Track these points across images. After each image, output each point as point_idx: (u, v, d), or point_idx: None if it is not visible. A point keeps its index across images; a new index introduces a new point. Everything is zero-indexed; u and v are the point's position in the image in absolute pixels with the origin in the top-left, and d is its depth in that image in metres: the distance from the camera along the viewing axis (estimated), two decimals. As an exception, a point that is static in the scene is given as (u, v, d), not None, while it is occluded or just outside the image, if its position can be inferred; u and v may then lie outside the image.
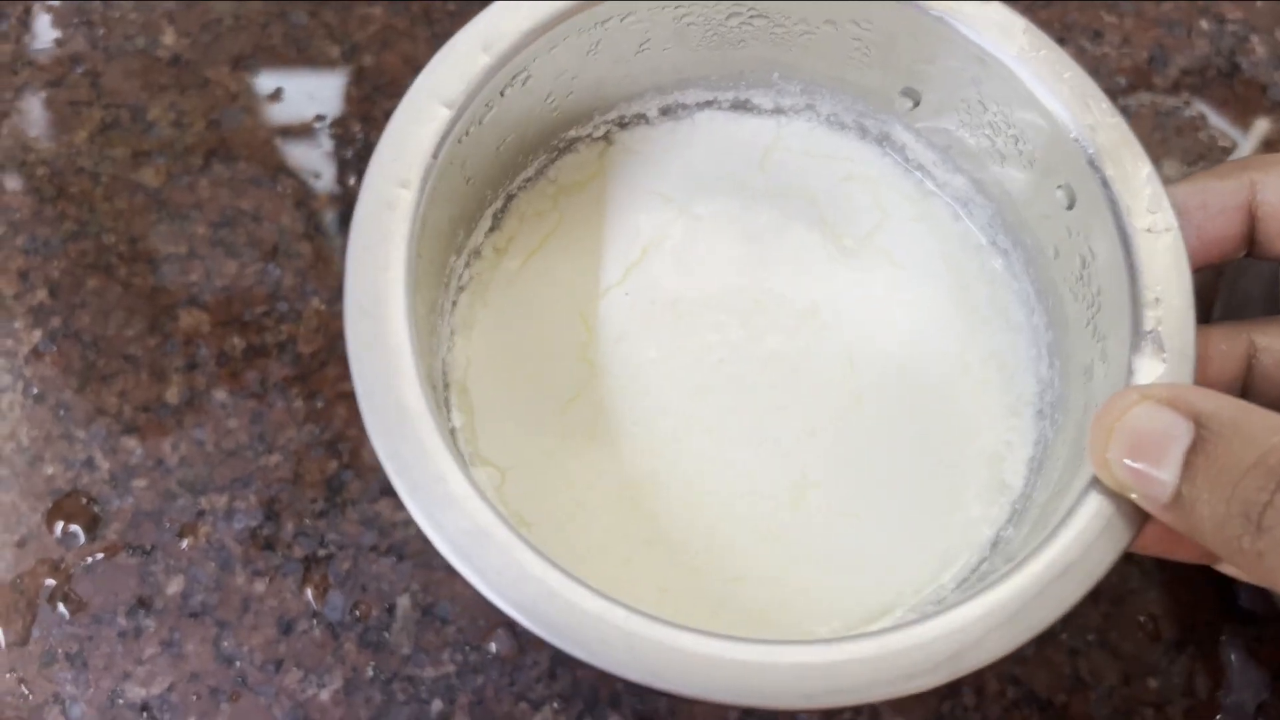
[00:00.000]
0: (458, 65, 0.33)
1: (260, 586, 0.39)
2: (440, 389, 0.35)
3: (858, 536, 0.35)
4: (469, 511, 0.27)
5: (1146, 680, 0.39)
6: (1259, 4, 0.48)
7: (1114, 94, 0.47)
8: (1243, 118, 0.47)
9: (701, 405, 0.36)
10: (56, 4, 0.47)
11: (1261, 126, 0.46)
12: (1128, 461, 0.27)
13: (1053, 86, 0.33)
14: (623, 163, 0.39)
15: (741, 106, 0.40)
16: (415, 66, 0.46)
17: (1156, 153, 0.46)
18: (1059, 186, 0.35)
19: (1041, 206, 0.36)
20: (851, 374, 0.36)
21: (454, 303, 0.36)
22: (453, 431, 0.35)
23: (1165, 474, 0.26)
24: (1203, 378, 0.31)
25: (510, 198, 0.39)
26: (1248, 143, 0.46)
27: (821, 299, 0.37)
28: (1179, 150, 0.46)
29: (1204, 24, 0.48)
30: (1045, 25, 0.47)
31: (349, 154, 0.45)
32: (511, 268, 0.37)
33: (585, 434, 0.35)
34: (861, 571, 0.35)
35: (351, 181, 0.44)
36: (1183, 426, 0.26)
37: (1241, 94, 0.47)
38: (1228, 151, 0.46)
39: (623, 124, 0.40)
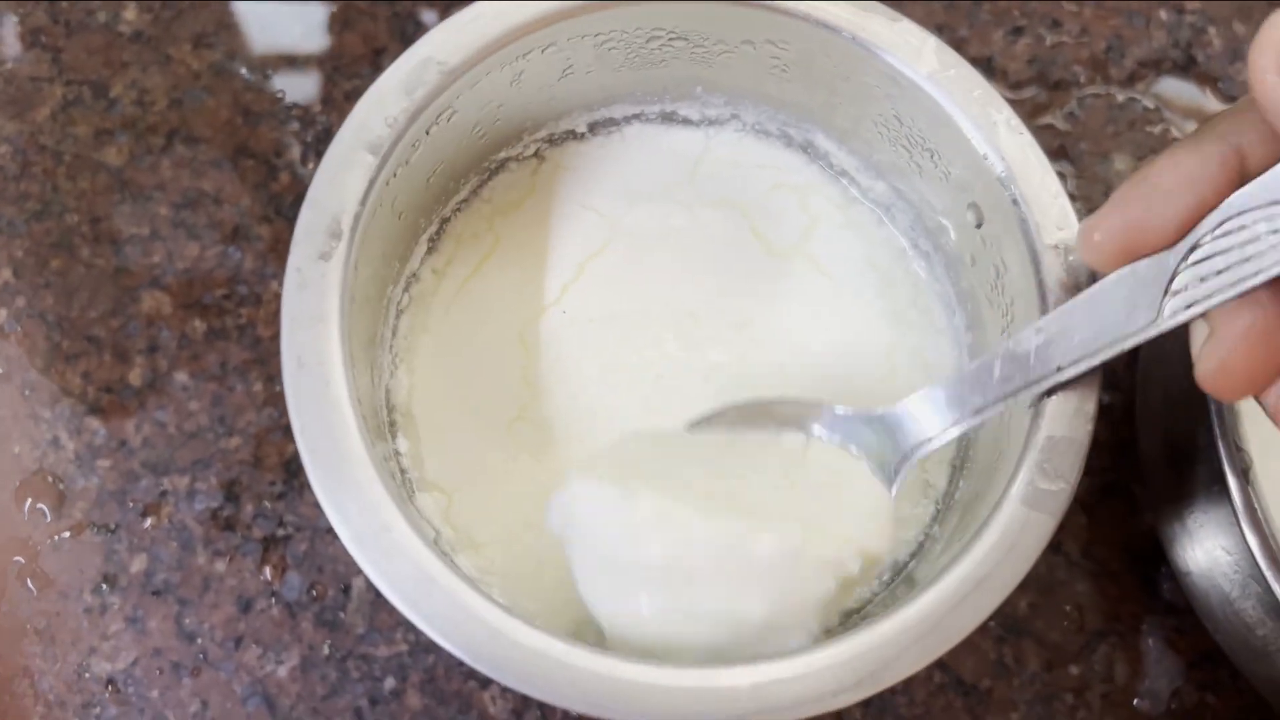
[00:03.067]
0: (382, 110, 0.33)
1: (220, 566, 0.40)
2: (384, 415, 0.36)
3: (794, 546, 0.36)
4: (413, 559, 0.29)
5: (1068, 667, 0.41)
6: (1218, -3, 0.49)
7: (1070, 85, 0.47)
8: (1197, 111, 0.47)
9: (643, 420, 0.37)
10: (17, -24, 0.47)
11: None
12: None
13: (963, 105, 0.34)
14: (556, 179, 0.40)
15: (669, 118, 0.41)
16: (375, 47, 0.46)
17: (1109, 146, 0.46)
18: (969, 205, 0.36)
19: (958, 217, 0.37)
20: (786, 381, 0.37)
21: (394, 329, 0.37)
22: (398, 456, 0.36)
23: None
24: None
25: (445, 221, 0.39)
26: (1199, 137, 0.47)
27: (754, 308, 0.38)
28: (1131, 144, 0.46)
29: (1163, 14, 0.48)
30: (1004, 14, 0.48)
31: (309, 136, 0.45)
32: (450, 290, 0.38)
33: (529, 453, 0.36)
34: (797, 581, 0.36)
35: (311, 164, 0.45)
36: None
37: (1196, 87, 0.47)
38: (1179, 145, 0.46)
39: (553, 141, 0.41)
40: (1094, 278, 0.30)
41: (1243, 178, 0.26)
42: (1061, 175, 0.46)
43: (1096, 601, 0.41)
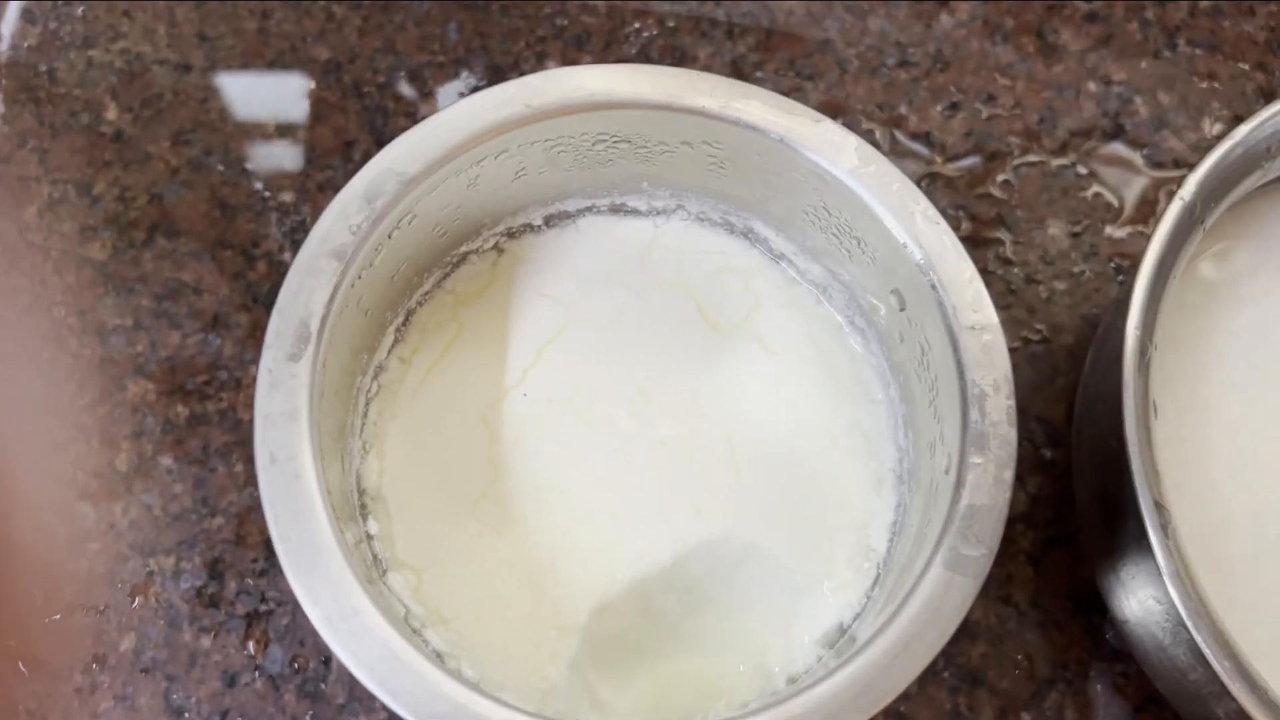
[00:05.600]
0: (345, 219, 0.36)
1: (206, 642, 0.42)
2: (355, 500, 0.38)
3: (743, 613, 0.38)
4: (380, 639, 0.31)
5: (1020, 714, 0.42)
6: (1143, 65, 0.51)
7: (1005, 155, 0.50)
8: (1125, 177, 0.50)
9: (599, 494, 0.39)
10: (4, 82, 0.49)
11: (1140, 185, 0.49)
12: None
13: (883, 198, 0.37)
14: (515, 269, 0.42)
15: (619, 210, 0.44)
16: (346, 140, 0.49)
17: (1044, 212, 0.49)
18: (891, 291, 0.38)
19: (885, 298, 0.39)
20: (732, 454, 0.40)
21: (364, 416, 0.39)
22: (369, 539, 0.38)
23: None
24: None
25: (410, 312, 0.42)
26: (1129, 202, 0.49)
27: (702, 385, 0.41)
28: (1065, 210, 0.49)
29: (1091, 85, 0.51)
30: (941, 90, 0.50)
31: (285, 226, 0.48)
32: (416, 378, 0.41)
33: (494, 529, 0.38)
34: (748, 646, 0.38)
35: (287, 254, 0.47)
36: None
37: (1125, 154, 0.50)
38: (1111, 210, 0.49)
39: (511, 234, 0.43)
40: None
41: None
42: (999, 241, 0.49)
43: (1046, 650, 0.43)
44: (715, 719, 0.36)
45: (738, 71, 0.51)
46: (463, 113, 0.37)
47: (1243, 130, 0.39)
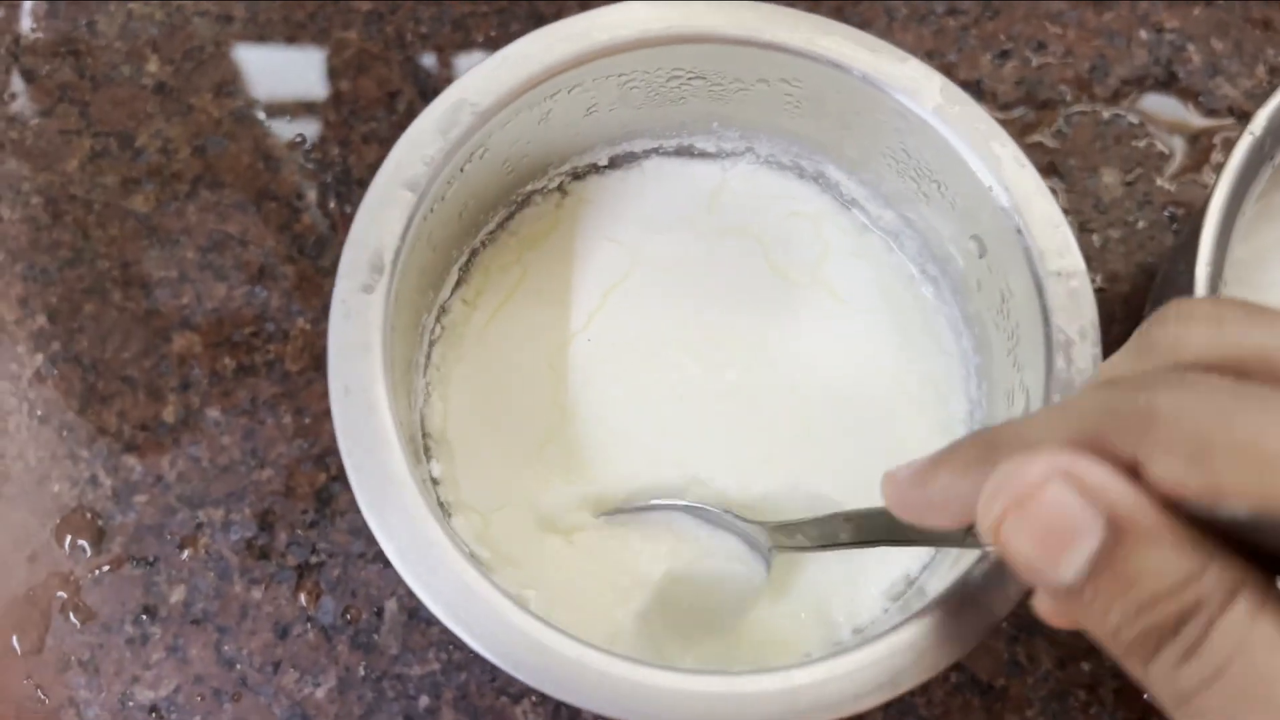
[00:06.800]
0: (419, 150, 0.35)
1: (257, 594, 0.42)
2: (419, 441, 0.37)
3: (808, 564, 0.38)
4: (456, 573, 0.30)
5: (1080, 664, 0.42)
6: (1196, 12, 0.51)
7: (1057, 104, 0.49)
8: (1180, 125, 0.49)
9: (665, 440, 0.38)
10: (42, 36, 0.49)
11: (1193, 134, 0.49)
12: (1026, 549, 0.22)
13: (968, 139, 0.36)
14: (579, 212, 0.42)
15: (687, 151, 0.43)
16: (389, 90, 0.48)
17: (1096, 161, 0.48)
18: (971, 237, 0.37)
19: (963, 244, 0.39)
20: (800, 402, 0.39)
21: (428, 357, 0.39)
22: (434, 481, 0.37)
23: (1067, 572, 0.22)
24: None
25: (474, 253, 0.41)
26: (1179, 150, 0.48)
27: (770, 332, 0.40)
28: (1118, 158, 0.48)
29: (1143, 34, 0.50)
30: (991, 37, 0.50)
31: (328, 177, 0.47)
32: (481, 320, 0.40)
33: (560, 475, 0.38)
34: (812, 597, 0.38)
35: (332, 205, 0.47)
36: (1095, 524, 0.21)
37: (1177, 103, 0.49)
38: (1164, 158, 0.48)
39: (576, 175, 0.42)
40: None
41: None
42: (1052, 190, 0.48)
43: (1105, 599, 0.43)
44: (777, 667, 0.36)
45: (785, 20, 0.50)
46: (537, 44, 0.36)
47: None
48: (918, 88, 0.36)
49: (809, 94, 0.39)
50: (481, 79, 0.36)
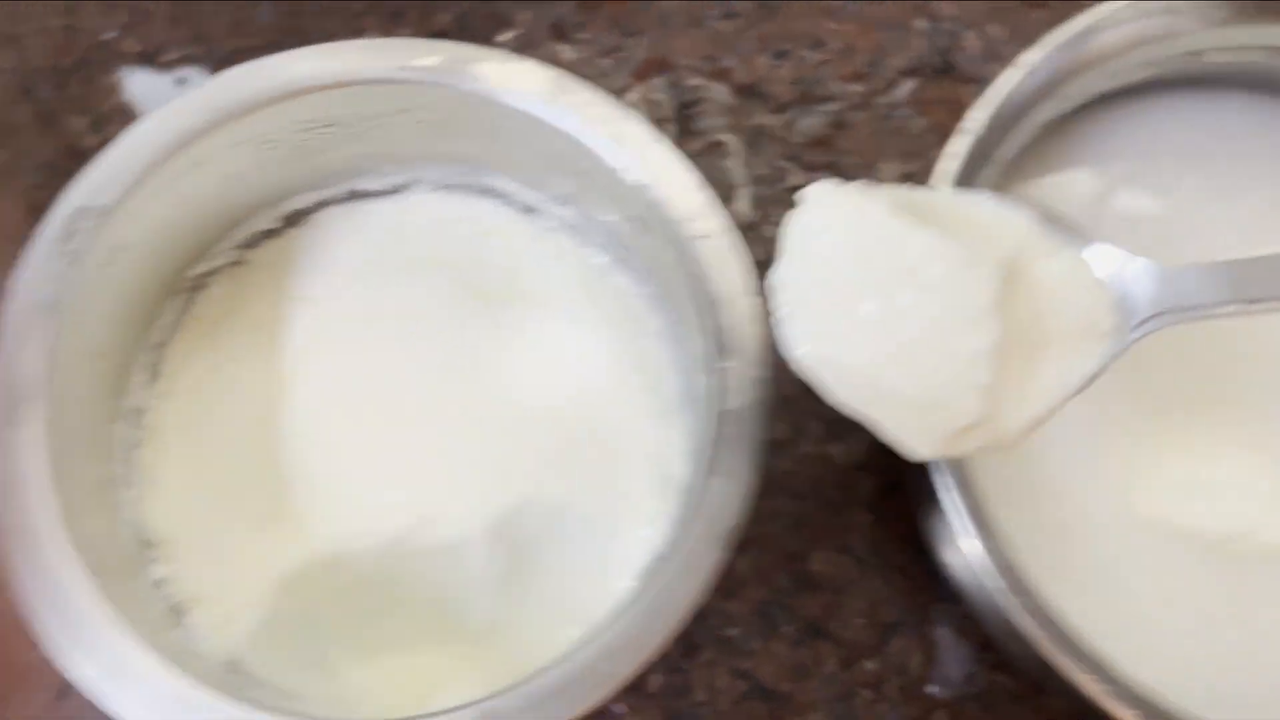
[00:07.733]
0: (44, 267, 0.34)
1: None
2: (134, 550, 0.37)
3: (560, 572, 0.38)
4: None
5: (864, 663, 0.42)
6: (971, 0, 0.50)
7: (837, 99, 0.49)
8: (957, 113, 0.49)
9: (391, 489, 0.38)
10: None
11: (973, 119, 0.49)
12: None
13: (588, 125, 0.36)
14: (262, 279, 0.41)
15: (356, 196, 0.42)
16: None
17: (874, 155, 0.48)
18: (630, 218, 0.37)
19: (631, 225, 0.39)
20: (525, 414, 0.39)
21: (127, 461, 0.38)
22: (160, 584, 0.37)
23: None
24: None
25: (160, 346, 0.40)
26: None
27: (481, 353, 0.40)
28: (896, 151, 0.48)
29: (920, 23, 0.50)
30: (768, 39, 0.49)
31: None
32: (182, 411, 0.39)
33: (290, 541, 0.37)
34: (570, 602, 0.38)
35: None
36: None
37: (956, 89, 0.49)
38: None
39: (249, 244, 0.41)
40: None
41: None
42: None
43: (887, 596, 0.43)
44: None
45: (559, 33, 0.50)
46: (148, 129, 0.35)
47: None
48: (524, 86, 0.36)
49: (443, 116, 0.38)
50: (99, 176, 0.35)
